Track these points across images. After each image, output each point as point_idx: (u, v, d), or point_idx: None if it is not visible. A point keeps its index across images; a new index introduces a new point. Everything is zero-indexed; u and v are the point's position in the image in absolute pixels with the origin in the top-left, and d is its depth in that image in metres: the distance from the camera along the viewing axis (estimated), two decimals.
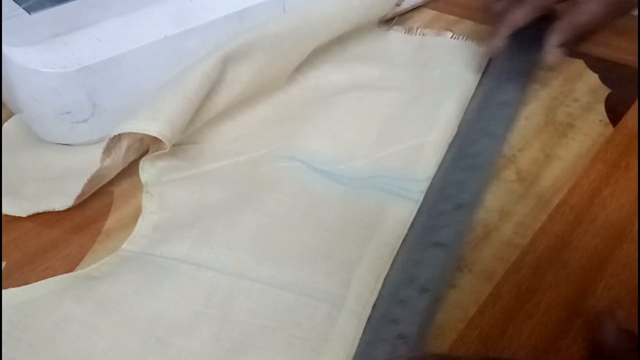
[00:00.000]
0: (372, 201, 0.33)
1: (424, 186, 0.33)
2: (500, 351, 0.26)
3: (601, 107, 0.39)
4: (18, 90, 0.35)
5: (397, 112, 0.39)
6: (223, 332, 0.27)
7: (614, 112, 0.39)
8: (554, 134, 0.37)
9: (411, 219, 0.31)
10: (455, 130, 0.37)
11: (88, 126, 0.36)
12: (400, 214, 0.32)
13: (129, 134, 0.33)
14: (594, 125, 0.38)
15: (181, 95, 0.34)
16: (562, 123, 0.38)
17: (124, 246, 0.31)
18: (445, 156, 0.34)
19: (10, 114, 0.40)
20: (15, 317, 0.27)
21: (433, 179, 0.33)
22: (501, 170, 0.35)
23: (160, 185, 0.34)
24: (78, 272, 0.30)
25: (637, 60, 0.44)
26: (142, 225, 0.32)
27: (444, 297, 0.27)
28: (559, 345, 0.26)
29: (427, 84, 0.42)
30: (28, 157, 0.37)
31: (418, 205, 0.32)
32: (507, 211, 0.32)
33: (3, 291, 0.29)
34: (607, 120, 0.38)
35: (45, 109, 0.35)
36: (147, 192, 0.34)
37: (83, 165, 0.35)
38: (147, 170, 0.35)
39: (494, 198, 0.33)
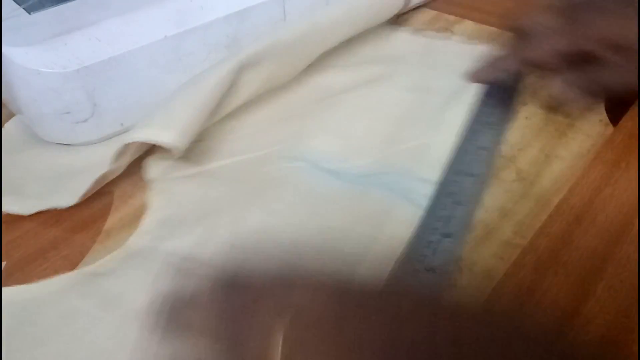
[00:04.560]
0: (377, 202, 0.33)
1: (428, 189, 0.33)
2: None
3: (601, 107, 0.39)
4: (18, 90, 0.35)
5: (404, 111, 0.39)
6: None
7: (614, 112, 0.39)
8: (554, 133, 0.37)
9: (414, 223, 0.31)
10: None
11: (88, 126, 0.36)
12: (405, 218, 0.31)
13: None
14: (594, 125, 0.38)
15: (193, 106, 0.34)
16: (562, 123, 0.38)
17: (129, 241, 0.31)
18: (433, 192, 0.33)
19: (10, 114, 0.40)
20: (23, 314, 0.28)
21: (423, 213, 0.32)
22: (501, 170, 0.35)
23: (165, 182, 0.35)
24: (83, 270, 0.30)
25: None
26: (147, 222, 0.32)
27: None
28: None
29: (435, 85, 0.42)
30: (29, 157, 0.37)
31: (421, 211, 0.32)
32: (507, 211, 0.32)
33: (10, 288, 0.29)
34: (607, 120, 0.38)
35: (45, 109, 0.35)
36: (151, 189, 0.34)
37: (86, 164, 0.35)
38: (153, 168, 0.35)
39: (494, 198, 0.33)
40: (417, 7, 0.51)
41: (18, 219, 0.33)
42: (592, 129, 0.38)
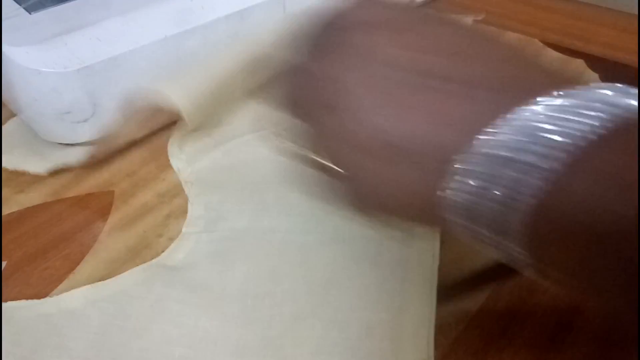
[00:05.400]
0: None
1: None
2: (502, 350, 0.26)
3: None
4: (18, 90, 0.35)
5: None
6: (309, 275, 0.28)
7: None
8: None
9: None
10: None
11: (89, 126, 0.36)
12: None
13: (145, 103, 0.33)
14: None
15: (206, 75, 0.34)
16: None
17: (184, 230, 0.32)
18: None
19: (11, 114, 0.40)
20: (111, 308, 0.28)
21: None
22: None
23: (192, 169, 0.35)
24: (155, 262, 0.30)
25: (637, 60, 0.44)
26: (194, 209, 0.33)
27: None
28: (560, 345, 0.26)
29: None
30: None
31: None
32: None
33: (90, 287, 0.29)
34: None
35: (45, 109, 0.35)
36: (184, 180, 0.35)
37: None
38: (176, 156, 0.36)
39: None
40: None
41: (17, 218, 0.33)
42: None
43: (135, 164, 0.35)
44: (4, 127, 0.39)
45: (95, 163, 0.36)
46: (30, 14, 0.35)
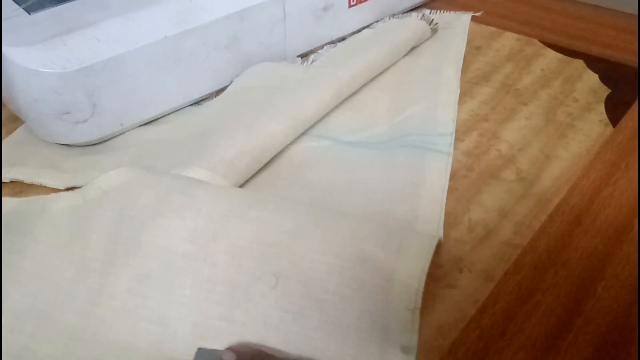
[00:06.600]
0: (408, 158, 0.35)
1: (449, 139, 0.36)
2: (501, 351, 0.26)
3: (601, 107, 0.39)
4: (18, 90, 0.34)
5: (403, 79, 0.42)
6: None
7: (614, 112, 0.39)
8: (554, 134, 0.37)
9: (448, 171, 0.34)
10: (458, 90, 0.40)
11: (88, 126, 0.36)
12: (438, 166, 0.34)
13: None
14: (594, 125, 0.38)
15: (249, 157, 0.34)
16: (562, 123, 0.38)
17: None
18: None
19: (11, 114, 0.40)
20: (122, 197, 0.29)
21: None
22: (501, 170, 0.35)
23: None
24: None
25: (637, 60, 0.44)
26: None
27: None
28: (559, 346, 0.26)
29: (422, 51, 0.46)
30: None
31: (450, 158, 0.35)
32: (507, 211, 0.32)
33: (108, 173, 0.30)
34: (607, 120, 0.38)
35: (45, 109, 0.35)
36: None
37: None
38: None
39: (494, 198, 0.33)
40: (417, 7, 0.51)
41: None
42: (592, 129, 0.38)
43: None
44: (13, 135, 0.39)
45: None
46: (29, 14, 0.35)
